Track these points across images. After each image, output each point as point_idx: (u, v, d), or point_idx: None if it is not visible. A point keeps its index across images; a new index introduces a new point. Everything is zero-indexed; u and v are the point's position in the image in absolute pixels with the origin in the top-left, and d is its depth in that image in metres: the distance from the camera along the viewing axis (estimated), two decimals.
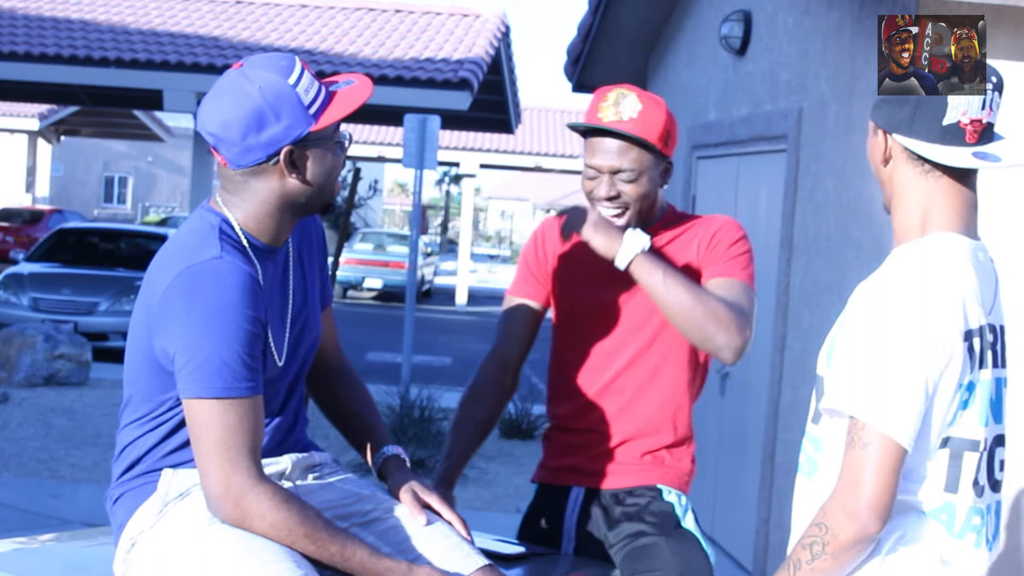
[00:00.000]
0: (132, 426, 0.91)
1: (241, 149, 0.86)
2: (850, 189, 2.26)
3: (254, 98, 0.85)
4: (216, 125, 0.86)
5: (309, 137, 0.87)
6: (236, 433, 0.83)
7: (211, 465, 0.83)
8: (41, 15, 6.16)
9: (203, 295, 0.83)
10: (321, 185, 0.89)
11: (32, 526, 2.53)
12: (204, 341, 0.82)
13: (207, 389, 0.82)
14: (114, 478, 0.93)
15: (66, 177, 15.69)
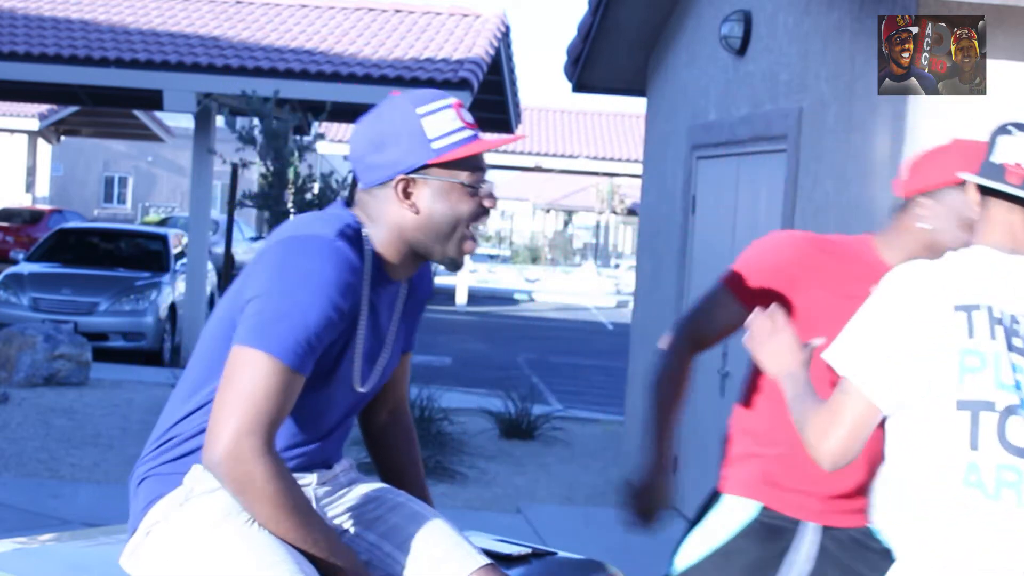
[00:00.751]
0: (183, 402, 0.89)
1: (363, 167, 0.89)
2: (850, 189, 2.26)
3: (382, 121, 0.89)
4: (353, 144, 0.91)
5: (429, 169, 0.87)
6: (269, 398, 0.81)
7: (231, 416, 0.81)
8: (41, 15, 6.15)
9: (301, 260, 0.82)
10: (434, 222, 0.88)
11: (32, 526, 2.52)
12: (283, 300, 0.81)
13: (265, 342, 0.81)
14: (146, 451, 0.91)
15: (66, 177, 15.69)
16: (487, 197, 0.90)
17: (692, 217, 3.18)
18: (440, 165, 0.88)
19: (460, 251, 0.90)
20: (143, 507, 0.89)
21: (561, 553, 1.17)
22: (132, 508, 0.92)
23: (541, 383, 5.56)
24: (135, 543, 0.90)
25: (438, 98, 0.89)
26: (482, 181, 0.90)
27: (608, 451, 3.99)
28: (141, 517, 0.89)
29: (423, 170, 0.88)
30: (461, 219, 0.89)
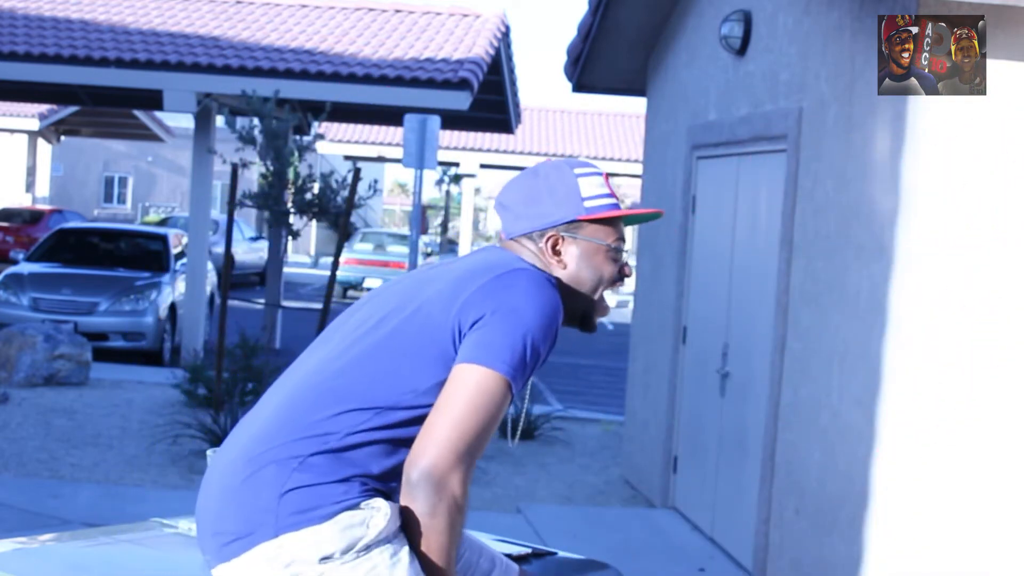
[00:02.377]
0: (359, 409, 0.85)
1: (512, 217, 0.94)
2: (850, 189, 2.26)
3: (539, 176, 0.94)
4: (506, 195, 0.95)
5: (579, 228, 0.92)
6: (495, 418, 0.83)
7: (455, 433, 0.81)
8: (41, 15, 6.15)
9: (543, 293, 0.86)
10: (579, 280, 0.92)
11: (32, 526, 2.52)
12: (533, 322, 0.84)
13: (505, 366, 0.83)
14: (307, 451, 0.84)
15: (66, 177, 15.68)
16: (626, 264, 0.95)
17: (692, 217, 3.17)
18: (589, 225, 0.92)
19: (597, 311, 0.94)
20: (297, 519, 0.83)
21: (561, 553, 1.18)
22: (259, 494, 0.84)
23: (541, 383, 5.54)
24: (280, 563, 0.83)
25: (591, 166, 0.95)
26: (622, 249, 0.94)
27: (608, 451, 3.99)
28: (294, 528, 0.83)
29: (572, 227, 0.92)
30: (603, 281, 0.93)
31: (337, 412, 0.86)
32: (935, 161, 1.99)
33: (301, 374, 0.90)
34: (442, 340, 0.86)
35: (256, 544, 0.84)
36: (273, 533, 0.84)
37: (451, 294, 0.88)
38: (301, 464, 0.85)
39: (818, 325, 2.34)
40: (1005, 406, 2.01)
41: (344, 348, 0.89)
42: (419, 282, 0.92)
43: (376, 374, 0.87)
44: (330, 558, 0.84)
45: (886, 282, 2.08)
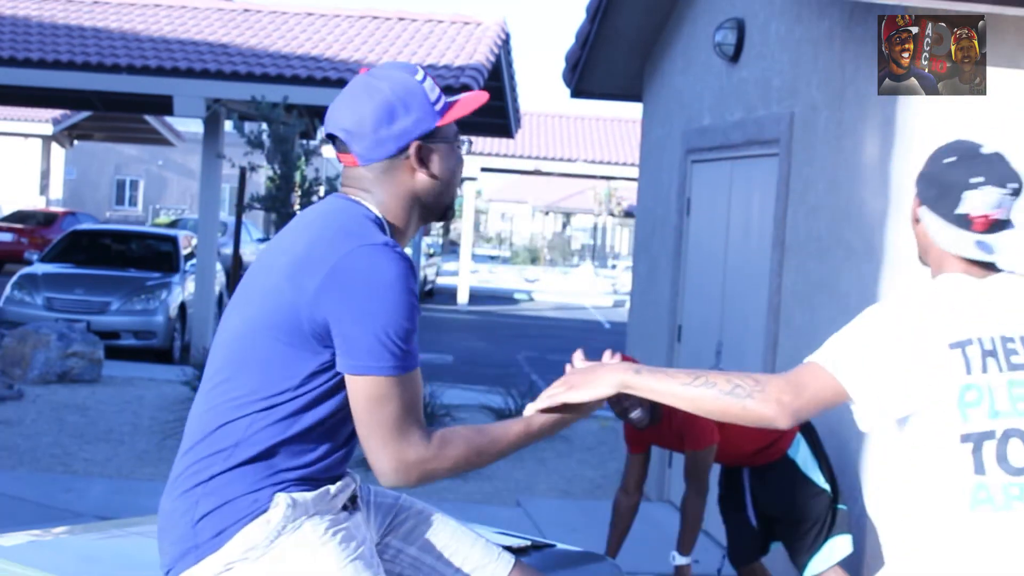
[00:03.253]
0: (246, 415, 0.85)
1: (373, 141, 0.87)
2: (841, 192, 2.31)
3: (384, 92, 0.87)
4: (349, 121, 0.88)
5: (436, 134, 0.89)
6: (411, 407, 0.83)
7: (384, 444, 0.83)
8: (55, 23, 6.26)
9: (384, 272, 0.82)
10: (447, 182, 0.90)
11: (46, 519, 2.58)
12: (380, 315, 0.81)
13: (390, 367, 0.81)
14: (208, 474, 0.85)
15: (79, 180, 15.82)
16: (466, 153, 0.94)
17: (687, 219, 3.23)
18: (437, 131, 0.89)
19: (454, 196, 0.93)
20: (215, 535, 0.84)
21: (560, 545, 1.24)
22: (186, 525, 0.85)
23: (540, 380, 5.58)
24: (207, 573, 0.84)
25: (413, 66, 0.91)
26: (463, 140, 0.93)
27: (605, 446, 4.03)
28: (213, 549, 0.84)
29: (431, 135, 0.89)
30: (457, 173, 0.92)
31: (220, 425, 0.86)
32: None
33: (198, 397, 0.90)
34: (298, 334, 0.83)
35: (181, 573, 0.86)
36: (195, 560, 0.85)
37: (293, 285, 0.84)
38: (206, 488, 0.86)
39: (809, 324, 2.39)
40: None
41: (219, 358, 0.89)
42: (260, 270, 0.88)
43: (248, 378, 0.86)
44: (231, 565, 0.85)
45: (876, 282, 2.13)
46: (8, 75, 5.78)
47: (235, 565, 0.86)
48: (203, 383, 0.91)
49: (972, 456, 0.86)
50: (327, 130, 0.91)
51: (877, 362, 0.88)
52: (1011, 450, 0.86)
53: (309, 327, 0.85)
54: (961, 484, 0.87)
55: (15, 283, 5.47)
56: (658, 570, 2.51)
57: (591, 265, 16.49)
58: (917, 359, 0.87)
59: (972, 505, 0.87)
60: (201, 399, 0.90)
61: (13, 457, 3.27)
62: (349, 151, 0.90)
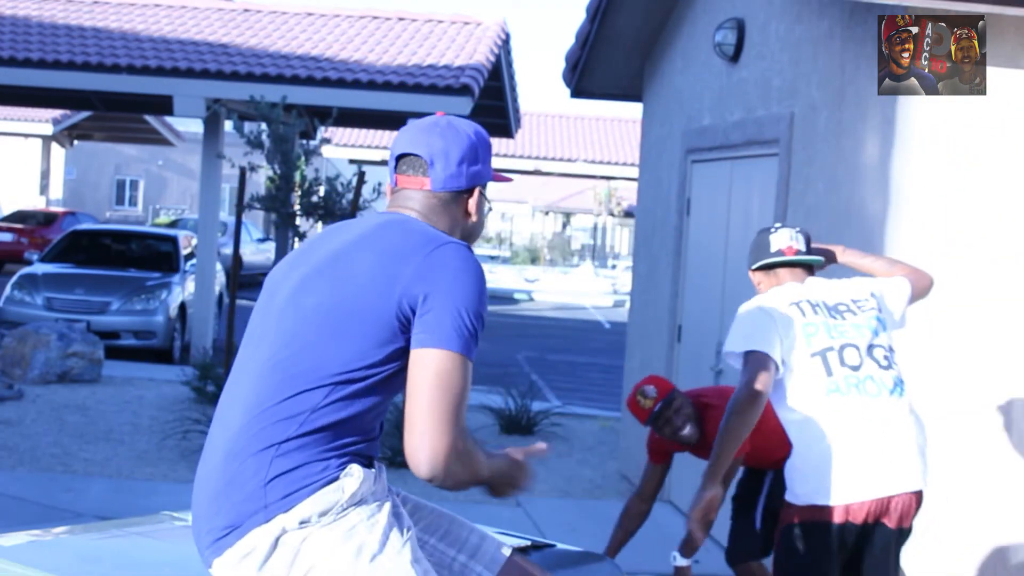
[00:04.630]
0: (324, 385, 0.90)
1: (455, 172, 1.02)
2: (841, 192, 2.32)
3: (472, 138, 1.04)
4: (439, 150, 1.01)
5: (487, 185, 1.05)
6: (464, 400, 0.90)
7: (439, 424, 0.88)
8: (55, 23, 6.26)
9: (473, 268, 0.94)
10: (477, 227, 1.05)
11: (46, 519, 2.59)
12: (471, 300, 0.91)
13: (462, 346, 0.90)
14: (283, 436, 0.89)
15: (79, 180, 15.85)
16: (488, 211, 1.09)
17: (687, 219, 3.23)
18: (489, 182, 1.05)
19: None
20: (289, 493, 0.88)
21: (560, 545, 1.25)
22: (247, 483, 0.89)
23: (540, 380, 5.60)
24: (271, 532, 0.88)
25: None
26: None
27: (605, 446, 4.03)
28: (287, 508, 0.88)
29: (485, 185, 1.05)
30: (483, 223, 1.08)
31: (296, 392, 0.91)
32: (923, 164, 2.03)
33: (258, 366, 0.94)
34: (386, 316, 0.91)
35: (250, 530, 0.89)
36: (264, 519, 0.89)
37: (386, 272, 0.92)
38: (279, 451, 0.90)
39: None
40: (994, 404, 2.05)
41: (289, 334, 0.93)
42: (332, 258, 0.95)
43: (325, 352, 0.91)
44: (308, 522, 0.89)
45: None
46: (8, 75, 5.79)
47: (309, 527, 0.89)
48: (260, 353, 0.95)
49: (822, 363, 1.47)
50: (404, 150, 1.02)
51: (773, 333, 1.48)
52: (847, 355, 1.48)
53: (397, 311, 0.92)
54: (818, 382, 1.47)
55: (15, 283, 5.47)
56: (658, 570, 2.51)
57: (591, 265, 16.49)
58: (782, 323, 1.49)
59: (827, 393, 1.47)
60: (262, 368, 0.93)
61: (13, 457, 3.27)
62: (424, 175, 1.01)
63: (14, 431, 3.59)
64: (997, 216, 2.06)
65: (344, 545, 0.89)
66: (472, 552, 0.99)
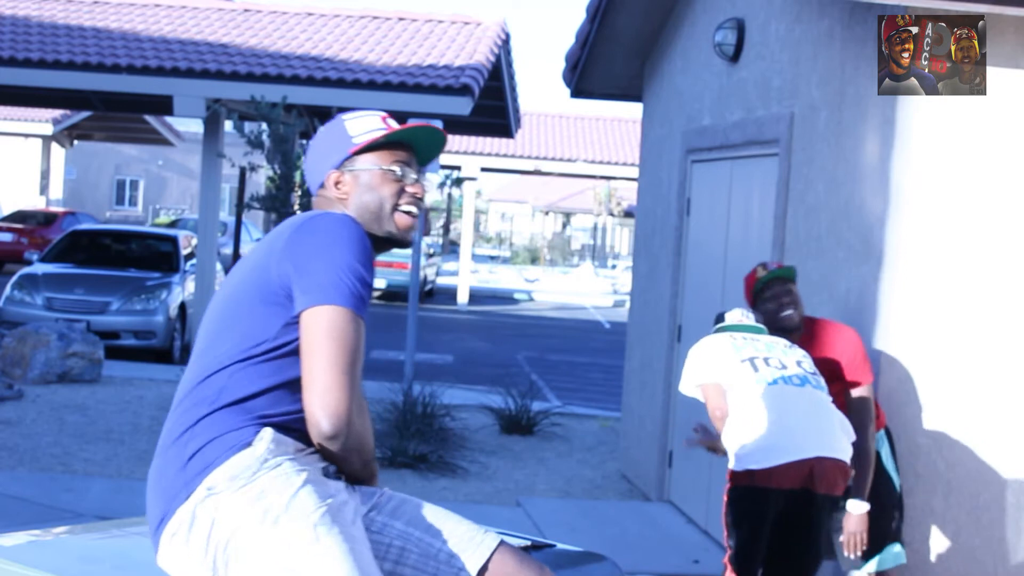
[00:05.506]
0: (228, 365, 0.92)
1: (309, 174, 1.04)
2: (841, 192, 2.31)
3: (319, 134, 1.05)
4: (304, 162, 1.06)
5: (355, 161, 1.00)
6: (355, 344, 0.88)
7: (338, 379, 0.86)
8: (55, 23, 6.26)
9: (341, 228, 0.92)
10: (360, 203, 0.99)
11: (46, 519, 2.56)
12: (348, 258, 0.89)
13: (348, 301, 0.88)
14: (195, 417, 0.91)
15: (79, 180, 15.85)
16: (412, 183, 1.00)
17: (687, 219, 3.23)
18: (361, 157, 0.99)
19: (395, 225, 1.00)
20: (211, 461, 0.88)
21: (559, 545, 1.23)
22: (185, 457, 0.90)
23: (540, 380, 5.59)
24: (197, 497, 0.88)
25: (366, 111, 1.06)
26: (404, 168, 1.00)
27: (605, 446, 4.03)
28: (207, 472, 0.88)
29: (348, 163, 1.00)
30: (385, 199, 0.99)
31: (205, 378, 0.94)
32: (923, 164, 2.03)
33: (189, 365, 0.98)
34: (266, 290, 0.92)
35: (175, 512, 0.89)
36: (185, 496, 0.90)
37: (267, 253, 0.95)
38: (193, 430, 0.91)
39: None
40: (993, 404, 2.05)
41: (203, 333, 0.98)
42: (246, 255, 1.00)
43: (229, 336, 0.94)
44: (215, 488, 0.89)
45: (875, 282, 2.13)
46: (8, 75, 5.79)
47: (218, 492, 0.89)
48: (190, 362, 0.99)
49: (750, 365, 1.78)
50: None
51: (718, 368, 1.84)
52: (772, 361, 1.79)
53: (278, 281, 0.92)
54: (748, 377, 1.77)
55: (15, 283, 5.47)
56: (658, 570, 2.51)
57: (591, 265, 16.55)
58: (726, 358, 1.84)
59: (755, 383, 1.76)
60: (188, 370, 0.98)
61: (13, 457, 3.27)
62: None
63: (14, 431, 3.59)
64: (997, 216, 2.06)
65: (252, 508, 0.88)
66: (459, 541, 0.97)
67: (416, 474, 3.35)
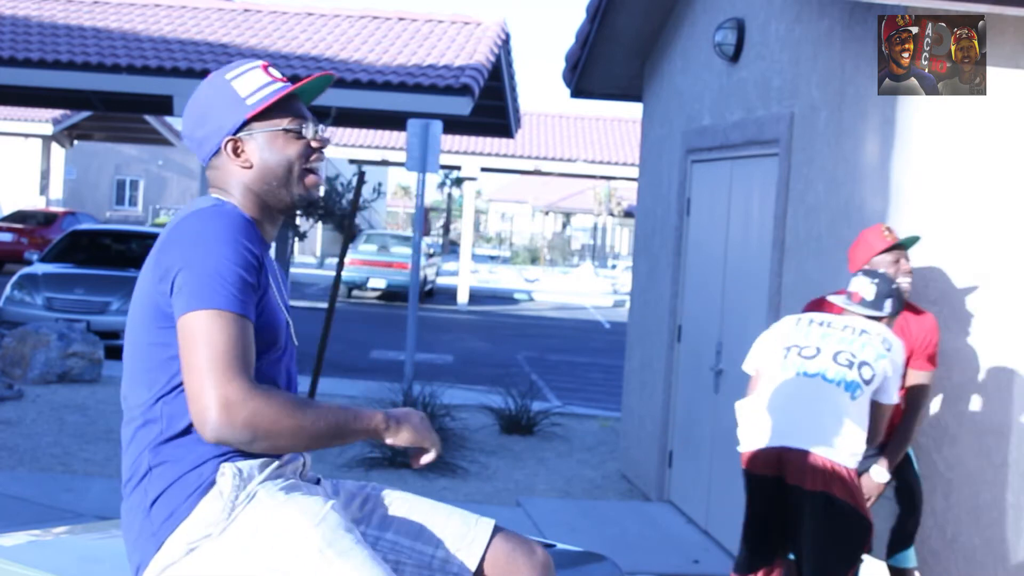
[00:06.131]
0: (158, 399, 0.89)
1: (197, 144, 0.95)
2: (841, 192, 2.31)
3: (197, 97, 0.95)
4: (186, 130, 0.96)
5: (252, 125, 0.93)
6: (234, 346, 0.83)
7: (206, 379, 0.82)
8: (55, 23, 6.27)
9: (207, 224, 0.87)
10: (266, 169, 0.93)
11: (46, 519, 2.57)
12: (207, 258, 0.85)
13: (208, 301, 0.84)
14: (148, 463, 0.88)
15: (79, 180, 15.84)
16: (314, 138, 0.95)
17: (687, 219, 3.23)
18: (260, 119, 0.93)
19: (304, 187, 0.95)
20: (169, 516, 0.86)
21: (559, 545, 1.22)
22: (141, 519, 0.87)
23: (540, 380, 5.58)
24: (175, 556, 0.85)
25: (244, 63, 0.95)
26: (304, 124, 0.95)
27: (605, 446, 4.03)
28: (172, 530, 0.85)
29: (245, 128, 0.93)
30: (292, 160, 0.94)
31: (144, 419, 0.90)
32: (923, 164, 2.04)
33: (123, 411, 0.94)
34: (163, 315, 0.88)
35: (149, 562, 0.87)
36: (155, 547, 0.87)
37: (145, 273, 0.90)
38: (150, 476, 0.89)
39: None
40: (993, 404, 2.05)
41: (126, 366, 0.94)
42: (143, 273, 0.93)
43: (146, 374, 0.90)
44: (194, 543, 0.86)
45: None
46: (8, 75, 5.80)
47: (198, 544, 0.86)
48: (123, 388, 0.95)
49: (783, 354, 1.81)
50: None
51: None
52: (807, 351, 1.80)
53: (163, 302, 0.89)
54: (777, 366, 1.82)
55: (15, 283, 5.47)
56: (658, 570, 2.51)
57: (591, 265, 16.57)
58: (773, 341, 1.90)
59: (780, 369, 1.81)
60: (124, 399, 0.94)
61: (13, 457, 3.27)
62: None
63: (14, 431, 3.59)
64: (997, 216, 2.06)
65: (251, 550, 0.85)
66: (453, 540, 0.93)
67: (416, 474, 3.35)
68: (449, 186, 18.55)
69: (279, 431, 0.84)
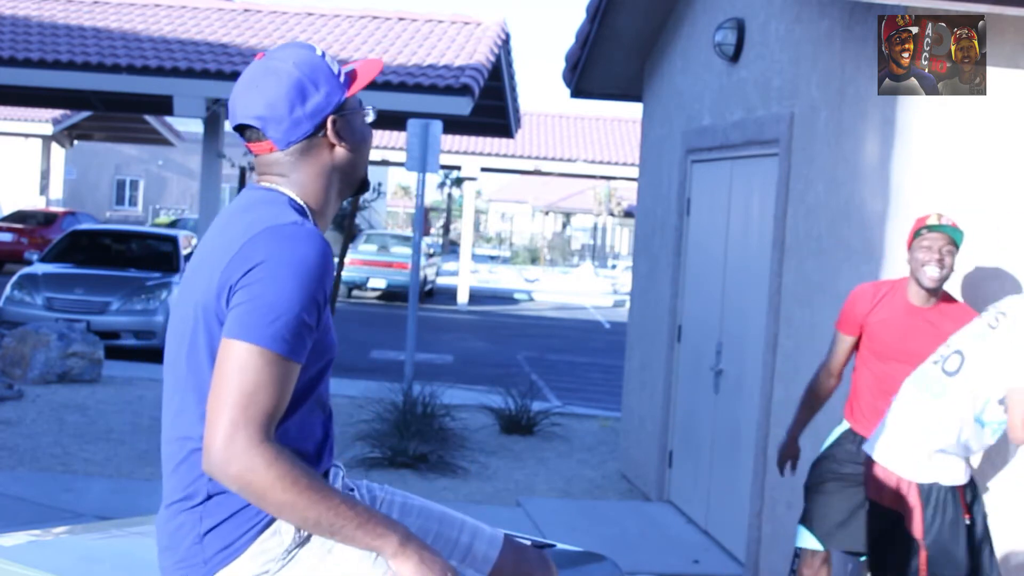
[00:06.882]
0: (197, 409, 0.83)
1: (290, 124, 0.87)
2: (841, 192, 2.31)
3: (292, 73, 0.87)
4: (261, 107, 0.87)
5: (346, 105, 0.89)
6: (266, 390, 0.78)
7: (223, 415, 0.77)
8: (55, 23, 6.27)
9: (286, 250, 0.81)
10: (363, 152, 0.90)
11: (46, 519, 2.56)
12: (273, 289, 0.79)
13: (255, 335, 0.78)
14: (196, 497, 0.83)
15: (79, 180, 15.84)
16: (369, 115, 0.93)
17: (687, 219, 3.23)
18: (348, 99, 0.89)
19: (367, 166, 0.93)
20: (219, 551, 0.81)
21: (559, 545, 1.22)
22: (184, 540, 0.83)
23: (540, 380, 5.59)
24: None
25: (308, 45, 0.91)
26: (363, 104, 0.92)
27: (605, 446, 4.04)
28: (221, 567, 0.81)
29: (342, 107, 0.88)
30: (369, 143, 0.92)
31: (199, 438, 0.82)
32: (923, 164, 2.03)
33: (166, 408, 0.86)
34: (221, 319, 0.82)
35: None
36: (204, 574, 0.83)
37: (209, 277, 0.83)
38: (208, 503, 0.84)
39: (809, 324, 2.39)
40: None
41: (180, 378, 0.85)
42: (191, 275, 0.87)
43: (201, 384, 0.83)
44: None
45: None
46: (8, 75, 5.79)
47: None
48: (165, 400, 0.88)
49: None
50: (235, 122, 0.89)
51: None
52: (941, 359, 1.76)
53: (224, 317, 0.83)
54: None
55: (15, 283, 5.47)
56: (658, 570, 2.51)
57: (591, 265, 16.57)
58: None
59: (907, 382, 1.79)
60: (168, 418, 0.87)
61: (13, 457, 3.27)
62: (264, 138, 0.88)
63: (14, 431, 3.59)
64: (997, 216, 2.06)
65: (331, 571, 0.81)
66: (463, 554, 0.94)
67: (416, 474, 3.36)
68: (449, 186, 18.55)
69: (267, 500, 0.79)
